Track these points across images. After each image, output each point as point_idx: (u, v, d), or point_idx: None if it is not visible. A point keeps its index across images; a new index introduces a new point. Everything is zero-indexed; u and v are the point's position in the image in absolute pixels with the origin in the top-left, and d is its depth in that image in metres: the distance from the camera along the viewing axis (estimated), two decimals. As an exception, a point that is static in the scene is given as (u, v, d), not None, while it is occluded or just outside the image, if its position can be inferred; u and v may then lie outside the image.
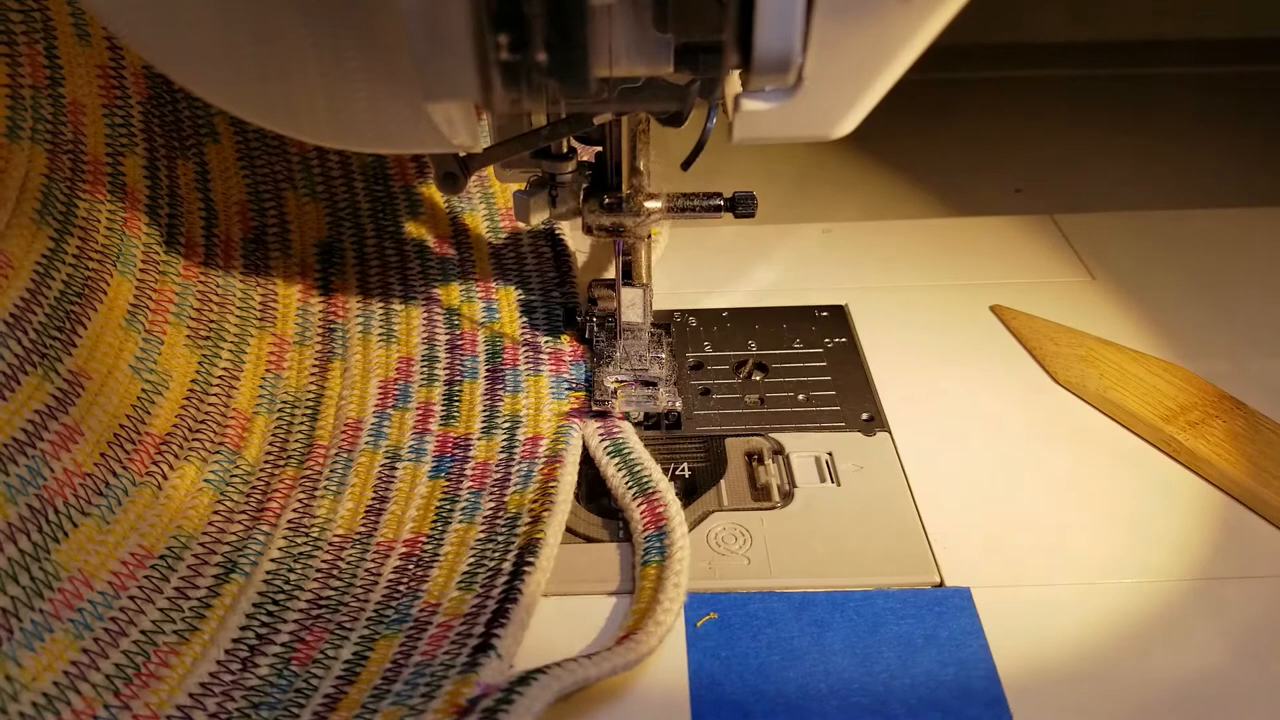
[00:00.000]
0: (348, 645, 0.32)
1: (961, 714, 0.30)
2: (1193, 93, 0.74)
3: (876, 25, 0.26)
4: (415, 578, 0.34)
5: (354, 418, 0.41)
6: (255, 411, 0.41)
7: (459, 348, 0.44)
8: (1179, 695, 0.30)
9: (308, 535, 0.36)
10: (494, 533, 0.35)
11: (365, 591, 0.34)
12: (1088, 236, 0.53)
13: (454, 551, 0.35)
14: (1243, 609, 0.33)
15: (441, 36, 0.24)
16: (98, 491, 0.34)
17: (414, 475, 0.38)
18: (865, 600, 0.33)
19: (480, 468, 0.38)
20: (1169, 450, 0.39)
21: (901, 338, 0.46)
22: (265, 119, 0.30)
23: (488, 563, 0.34)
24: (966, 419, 0.41)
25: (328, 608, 0.33)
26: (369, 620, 0.33)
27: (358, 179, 0.49)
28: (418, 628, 0.32)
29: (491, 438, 0.40)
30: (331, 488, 0.38)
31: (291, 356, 0.44)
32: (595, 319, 0.45)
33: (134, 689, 0.30)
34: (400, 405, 0.41)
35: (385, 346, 0.44)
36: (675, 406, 0.41)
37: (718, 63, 0.26)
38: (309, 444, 0.40)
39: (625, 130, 0.36)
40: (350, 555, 0.35)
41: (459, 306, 0.46)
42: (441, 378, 0.43)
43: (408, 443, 0.40)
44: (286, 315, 0.45)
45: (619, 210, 0.38)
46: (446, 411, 0.41)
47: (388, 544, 0.36)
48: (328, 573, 0.35)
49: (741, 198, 0.39)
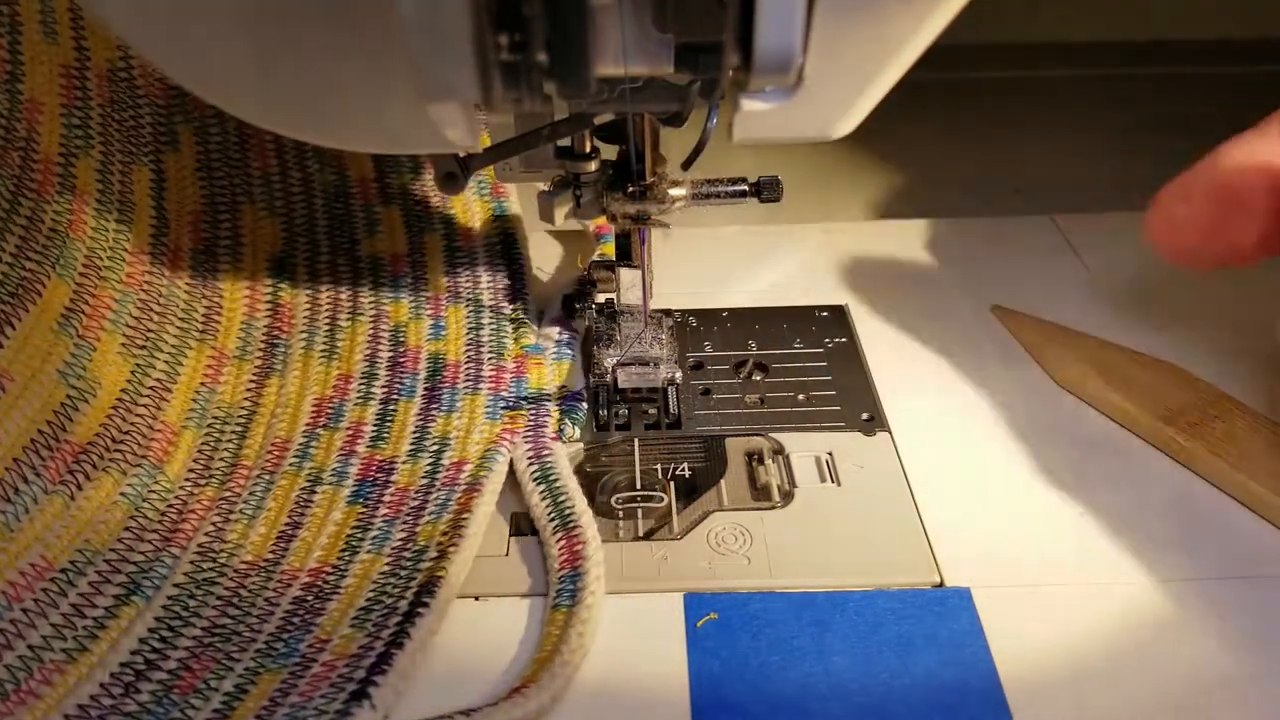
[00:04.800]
0: (230, 677, 0.31)
1: (961, 714, 0.30)
2: (1193, 93, 0.74)
3: (876, 25, 0.26)
4: (312, 610, 0.33)
5: (283, 437, 0.40)
6: (184, 425, 0.40)
7: (400, 365, 0.43)
8: (1179, 695, 0.30)
9: (215, 561, 0.35)
10: (399, 566, 0.34)
11: (260, 622, 0.32)
12: (1088, 236, 0.53)
13: (355, 584, 0.34)
14: (1243, 609, 0.33)
15: (441, 36, 0.24)
16: (4, 498, 0.33)
17: (332, 500, 0.37)
18: (865, 600, 0.33)
19: (400, 494, 0.37)
20: (1169, 451, 0.39)
21: (901, 338, 0.46)
22: (266, 119, 0.30)
23: (385, 599, 0.33)
24: (967, 419, 0.41)
25: (220, 637, 0.32)
26: (257, 652, 0.31)
27: (318, 196, 0.48)
28: (303, 665, 0.31)
29: (417, 462, 0.38)
30: (248, 511, 0.37)
31: (229, 371, 0.43)
32: (593, 306, 0.45)
33: (9, 705, 0.29)
34: (331, 425, 0.40)
35: (326, 363, 0.43)
36: (676, 379, 0.41)
37: (718, 63, 0.26)
38: (234, 463, 0.39)
39: (647, 119, 0.36)
40: (253, 583, 0.34)
41: (406, 323, 0.45)
42: (378, 396, 0.41)
43: (331, 465, 0.38)
44: (229, 329, 0.44)
45: (643, 198, 0.38)
46: (377, 432, 0.40)
47: (293, 573, 0.34)
48: (228, 600, 0.33)
49: (766, 182, 0.39)
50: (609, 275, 0.43)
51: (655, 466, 0.40)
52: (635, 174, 0.38)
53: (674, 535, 0.36)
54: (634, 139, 0.37)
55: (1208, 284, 0.49)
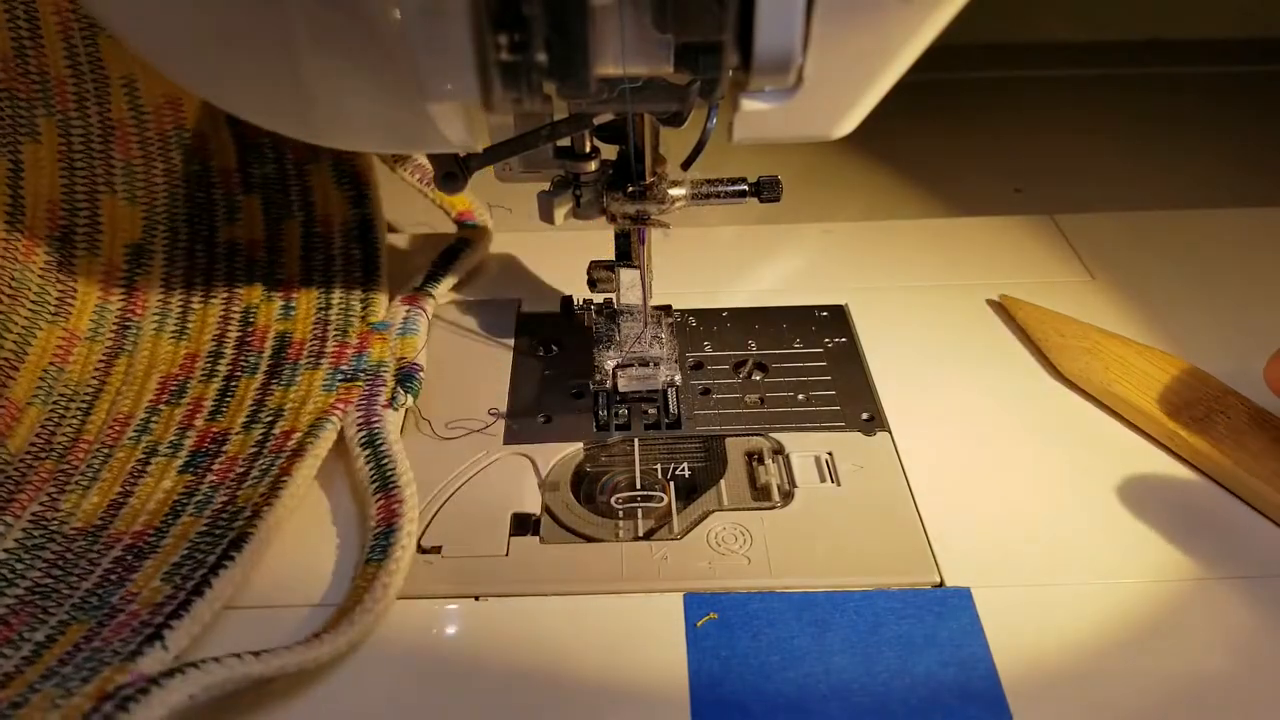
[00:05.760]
0: (43, 629, 0.32)
1: (961, 714, 0.30)
2: (1193, 93, 0.74)
3: (876, 25, 0.26)
4: (129, 568, 0.34)
5: (125, 412, 0.41)
6: (29, 402, 0.41)
7: (247, 344, 0.44)
8: (1179, 695, 0.30)
9: (46, 529, 0.36)
10: (215, 526, 0.35)
11: (79, 580, 0.34)
12: (1088, 236, 0.53)
13: (173, 544, 0.35)
14: (1243, 609, 0.33)
15: (441, 36, 0.24)
16: None
17: (164, 470, 0.38)
18: (865, 600, 0.33)
19: (229, 462, 0.38)
20: (1172, 445, 0.39)
21: (901, 338, 0.46)
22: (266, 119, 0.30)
23: (198, 555, 0.34)
24: (967, 419, 0.41)
25: (40, 594, 0.33)
26: (72, 607, 0.33)
27: (179, 186, 0.48)
28: (110, 615, 0.32)
29: (250, 432, 0.40)
30: (83, 482, 0.38)
31: (79, 351, 0.44)
32: (592, 306, 0.45)
33: None
34: (173, 401, 0.42)
35: (175, 344, 0.45)
36: (675, 381, 0.41)
37: (718, 63, 0.26)
38: (75, 438, 0.40)
39: (647, 119, 0.36)
40: (79, 547, 0.35)
41: (258, 305, 0.46)
42: (222, 374, 0.43)
43: (169, 438, 0.40)
44: (83, 311, 0.45)
45: (643, 198, 0.38)
46: (216, 407, 0.41)
47: (117, 535, 0.35)
48: (52, 563, 0.34)
49: (766, 182, 0.39)
50: (609, 275, 0.43)
51: (655, 466, 0.40)
52: (635, 174, 0.38)
53: (674, 535, 0.36)
54: (634, 139, 0.37)
55: (1208, 285, 0.49)
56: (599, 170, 0.39)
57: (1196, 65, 0.77)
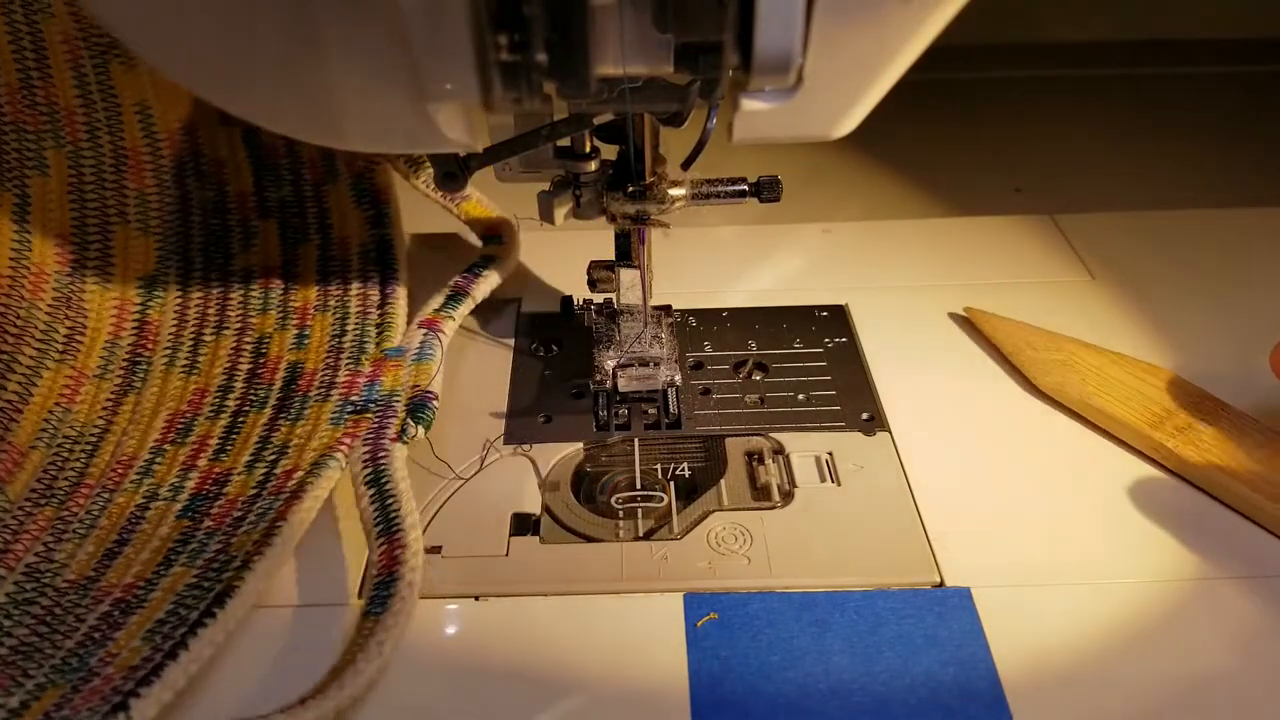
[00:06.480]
0: (19, 693, 0.30)
1: (961, 714, 0.30)
2: (1193, 93, 0.74)
3: (876, 25, 0.26)
4: (114, 625, 0.32)
5: (130, 453, 0.39)
6: (33, 446, 0.39)
7: (258, 377, 0.42)
8: (1179, 695, 0.30)
9: (38, 581, 0.34)
10: (204, 578, 0.33)
11: (64, 639, 0.32)
12: (1088, 236, 0.53)
13: (160, 598, 0.33)
14: (1242, 609, 0.33)
15: (441, 36, 0.24)
16: None
17: (163, 515, 0.36)
18: (865, 600, 0.33)
19: (227, 505, 0.36)
20: (1158, 457, 0.39)
21: (902, 338, 0.46)
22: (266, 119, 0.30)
23: (181, 611, 0.32)
24: (967, 418, 0.41)
25: (23, 654, 0.31)
26: (51, 668, 0.31)
27: (195, 213, 0.47)
28: (86, 678, 0.31)
29: (252, 472, 0.38)
30: (80, 530, 0.36)
31: (87, 390, 0.42)
32: (592, 306, 0.45)
33: None
34: (178, 440, 0.40)
35: (185, 378, 0.43)
36: (675, 381, 0.41)
37: (718, 63, 0.26)
38: (77, 482, 0.38)
39: (647, 119, 0.36)
40: (69, 601, 0.33)
41: (271, 334, 0.44)
42: (230, 409, 0.41)
43: (170, 480, 0.38)
44: (92, 348, 0.43)
45: (643, 198, 0.38)
46: (221, 445, 0.39)
47: (108, 588, 0.34)
48: (41, 619, 0.33)
49: (766, 182, 0.39)
50: (609, 275, 0.43)
51: (655, 466, 0.40)
52: (635, 174, 0.38)
53: (674, 535, 0.36)
54: (634, 139, 0.37)
55: (1208, 285, 0.49)
56: (599, 170, 0.39)
57: (1196, 65, 0.77)
